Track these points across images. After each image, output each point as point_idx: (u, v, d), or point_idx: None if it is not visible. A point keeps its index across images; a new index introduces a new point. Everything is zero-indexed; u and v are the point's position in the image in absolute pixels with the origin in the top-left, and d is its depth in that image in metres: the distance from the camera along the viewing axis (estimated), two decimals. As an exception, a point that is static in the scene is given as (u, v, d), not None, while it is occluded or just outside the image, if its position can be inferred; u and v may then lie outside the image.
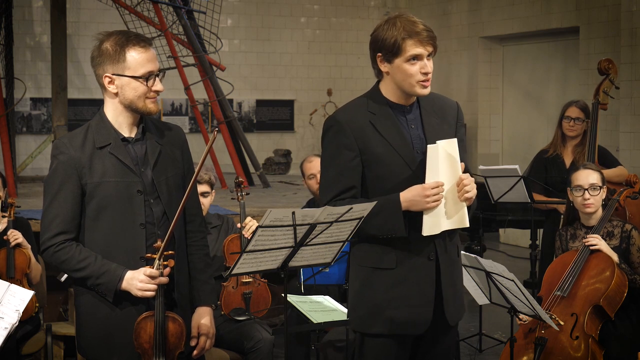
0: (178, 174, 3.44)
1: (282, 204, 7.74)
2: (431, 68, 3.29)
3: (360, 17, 12.57)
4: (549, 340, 4.45)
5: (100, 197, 3.29)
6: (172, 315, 3.35)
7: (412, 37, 3.24)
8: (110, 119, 3.36)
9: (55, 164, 3.33)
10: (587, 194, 4.75)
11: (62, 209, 3.29)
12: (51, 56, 9.79)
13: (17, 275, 4.92)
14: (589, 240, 4.65)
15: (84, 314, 3.39)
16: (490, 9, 11.00)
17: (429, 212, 3.24)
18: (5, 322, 3.52)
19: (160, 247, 3.26)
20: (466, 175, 3.27)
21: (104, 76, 3.30)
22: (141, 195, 3.32)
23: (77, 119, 10.93)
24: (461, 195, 3.25)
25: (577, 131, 6.13)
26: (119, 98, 3.32)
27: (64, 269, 3.33)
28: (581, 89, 9.47)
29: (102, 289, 3.28)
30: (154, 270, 3.25)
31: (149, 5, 9.31)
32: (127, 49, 3.27)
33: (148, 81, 3.30)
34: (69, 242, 3.29)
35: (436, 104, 3.42)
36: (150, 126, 3.42)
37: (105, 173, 3.29)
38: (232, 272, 3.44)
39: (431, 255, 3.33)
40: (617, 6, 9.06)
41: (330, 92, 11.87)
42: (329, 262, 3.64)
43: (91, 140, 3.32)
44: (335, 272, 4.72)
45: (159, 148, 3.39)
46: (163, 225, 3.34)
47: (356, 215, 3.37)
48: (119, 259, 3.29)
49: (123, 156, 3.32)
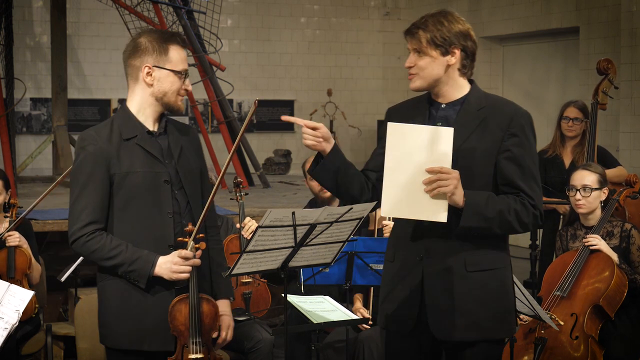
0: (198, 168, 3.54)
1: (282, 204, 7.74)
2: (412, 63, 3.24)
3: (360, 17, 12.57)
4: (548, 340, 4.45)
5: (129, 187, 3.36)
6: (205, 297, 3.44)
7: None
8: (135, 112, 3.44)
9: (84, 155, 3.37)
10: (578, 194, 4.77)
11: (91, 199, 3.33)
12: (51, 56, 9.81)
13: (17, 276, 4.93)
14: (589, 241, 4.65)
15: (112, 303, 3.41)
16: (490, 9, 11.01)
17: (388, 191, 3.12)
18: (5, 322, 3.52)
19: (192, 230, 3.34)
20: (450, 170, 3.07)
21: (144, 66, 3.39)
22: (168, 185, 3.40)
23: (77, 119, 10.94)
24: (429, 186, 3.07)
25: (575, 131, 6.13)
26: (152, 89, 3.41)
27: (95, 258, 3.36)
28: (581, 89, 9.46)
29: (134, 276, 3.34)
30: (187, 251, 3.33)
31: (149, 6, 9.31)
32: (171, 44, 3.41)
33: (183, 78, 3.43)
34: (99, 231, 3.34)
35: (488, 108, 3.25)
36: (170, 122, 3.53)
37: (133, 164, 3.37)
38: (232, 272, 3.44)
39: (419, 255, 3.25)
40: (617, 6, 9.06)
41: (330, 92, 11.87)
42: (329, 263, 3.64)
43: (117, 133, 3.39)
44: (335, 272, 4.71)
45: (181, 143, 3.49)
46: (187, 215, 3.43)
47: (356, 216, 3.37)
48: (147, 248, 3.36)
49: (150, 147, 3.40)
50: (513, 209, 3.18)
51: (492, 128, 3.22)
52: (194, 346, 3.39)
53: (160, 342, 3.39)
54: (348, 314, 4.45)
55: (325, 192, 5.50)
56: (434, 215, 3.10)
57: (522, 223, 3.21)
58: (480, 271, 3.23)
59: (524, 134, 3.24)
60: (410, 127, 3.13)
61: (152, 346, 3.39)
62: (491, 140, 3.21)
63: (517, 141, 3.22)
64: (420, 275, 3.25)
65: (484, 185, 3.22)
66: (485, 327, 3.26)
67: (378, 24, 12.64)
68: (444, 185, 3.07)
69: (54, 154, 9.78)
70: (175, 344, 3.40)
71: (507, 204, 3.18)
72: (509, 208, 3.18)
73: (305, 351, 4.93)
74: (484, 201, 3.15)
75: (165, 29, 3.63)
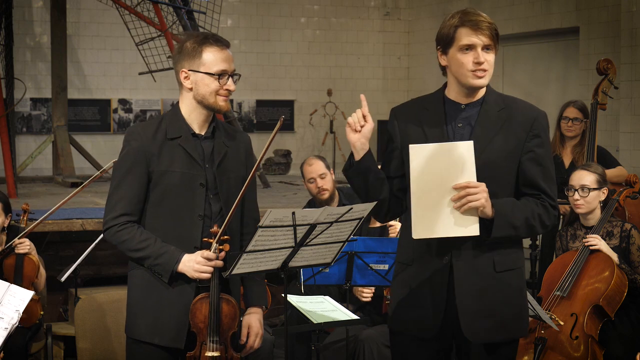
0: (239, 176, 3.58)
1: (282, 204, 7.74)
2: (487, 59, 3.14)
3: (360, 17, 12.57)
4: (548, 340, 4.46)
5: (165, 185, 3.45)
6: (226, 297, 3.51)
7: (465, 25, 3.14)
8: (184, 113, 3.52)
9: (127, 149, 3.47)
10: (577, 194, 4.78)
11: (128, 191, 3.44)
12: (51, 56, 9.82)
13: (24, 284, 4.92)
14: (589, 241, 4.65)
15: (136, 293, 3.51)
16: (490, 9, 11.00)
17: (417, 215, 3.09)
18: (5, 322, 3.52)
19: (217, 232, 3.41)
20: (477, 184, 3.06)
21: (181, 71, 3.48)
22: (203, 188, 3.47)
23: (77, 119, 10.95)
24: (458, 202, 3.06)
25: (575, 131, 6.12)
26: (192, 93, 3.48)
27: (124, 248, 3.46)
28: (581, 89, 9.47)
29: (159, 269, 3.42)
30: (210, 252, 3.40)
31: (149, 6, 9.31)
32: (205, 47, 3.46)
33: (221, 79, 3.45)
34: (131, 223, 3.44)
35: (509, 109, 3.22)
36: (220, 127, 3.59)
37: (173, 163, 3.45)
38: (231, 272, 3.44)
39: (445, 258, 3.19)
40: (617, 6, 9.06)
41: (330, 92, 11.87)
42: (329, 263, 3.64)
43: (163, 131, 3.47)
44: (335, 272, 4.71)
45: (225, 149, 3.54)
46: (219, 220, 3.48)
47: (356, 216, 3.37)
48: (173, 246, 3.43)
49: (191, 149, 3.47)
50: (537, 213, 3.19)
51: (515, 129, 3.20)
52: (211, 344, 3.46)
53: (171, 339, 3.45)
54: (348, 314, 4.45)
55: (324, 194, 5.51)
56: (466, 231, 3.09)
57: (544, 226, 3.22)
58: (507, 271, 3.23)
59: (546, 135, 3.25)
60: (434, 146, 3.10)
61: (163, 341, 3.45)
62: (515, 141, 3.20)
63: (539, 142, 3.22)
64: (447, 278, 3.20)
65: (507, 186, 3.21)
66: (510, 327, 3.26)
67: (378, 24, 12.64)
68: (473, 200, 3.06)
69: (54, 154, 9.79)
70: (186, 341, 3.46)
71: (531, 210, 3.18)
72: (533, 213, 3.18)
73: (306, 351, 4.93)
74: (510, 209, 3.15)
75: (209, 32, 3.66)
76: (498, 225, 3.11)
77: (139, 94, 11.33)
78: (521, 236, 3.22)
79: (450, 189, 3.07)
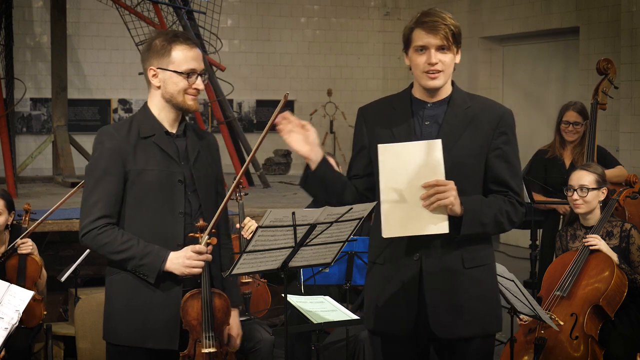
0: (213, 173, 3.56)
1: (282, 204, 7.74)
2: (442, 60, 3.17)
3: (360, 17, 12.57)
4: (548, 340, 4.46)
5: (143, 184, 3.39)
6: (217, 291, 3.48)
7: (419, 26, 3.20)
8: (154, 112, 3.48)
9: (100, 150, 3.40)
10: (575, 194, 4.78)
11: (105, 193, 3.36)
12: (51, 56, 9.82)
13: (27, 284, 4.91)
14: (589, 241, 4.66)
15: (119, 299, 3.42)
16: (490, 9, 11.00)
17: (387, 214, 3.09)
18: (5, 322, 3.52)
19: (205, 226, 3.37)
20: (445, 182, 3.06)
21: (149, 69, 3.44)
22: (182, 185, 3.43)
23: (77, 119, 10.95)
24: (427, 200, 3.05)
25: (576, 135, 6.11)
26: (161, 91, 3.45)
27: (106, 251, 3.37)
28: (581, 89, 9.46)
29: (144, 270, 3.35)
30: (201, 246, 3.36)
31: (149, 6, 9.31)
32: (174, 45, 3.42)
33: (189, 78, 3.42)
34: (111, 225, 3.36)
35: (475, 107, 3.27)
36: (189, 127, 3.55)
37: (149, 161, 3.40)
38: (232, 272, 3.45)
39: (416, 255, 3.22)
40: (617, 6, 9.06)
41: (330, 92, 11.87)
42: (329, 263, 3.64)
43: (136, 130, 3.43)
44: (335, 272, 4.72)
45: (198, 147, 3.51)
46: (198, 217, 3.44)
47: (356, 216, 3.37)
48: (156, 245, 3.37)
49: (166, 147, 3.43)
50: (505, 210, 3.22)
51: (482, 126, 3.24)
52: (207, 340, 3.42)
53: (167, 340, 3.40)
54: (348, 314, 4.45)
55: None
56: (435, 229, 3.10)
57: (512, 222, 3.26)
58: (476, 267, 3.26)
59: (512, 132, 3.30)
60: (402, 145, 3.11)
61: (157, 344, 3.39)
62: (482, 138, 3.23)
63: (506, 139, 3.27)
64: (418, 275, 3.22)
65: (476, 183, 3.24)
66: (484, 322, 3.29)
67: (378, 24, 12.64)
68: (442, 198, 3.06)
69: (54, 154, 9.79)
70: (179, 342, 3.41)
71: (499, 207, 3.22)
72: (501, 210, 3.22)
73: (306, 351, 4.93)
74: (479, 207, 3.17)
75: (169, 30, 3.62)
76: (467, 223, 3.13)
77: (139, 94, 11.33)
78: (489, 233, 3.24)
79: (419, 187, 3.07)
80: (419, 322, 3.25)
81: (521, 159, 3.48)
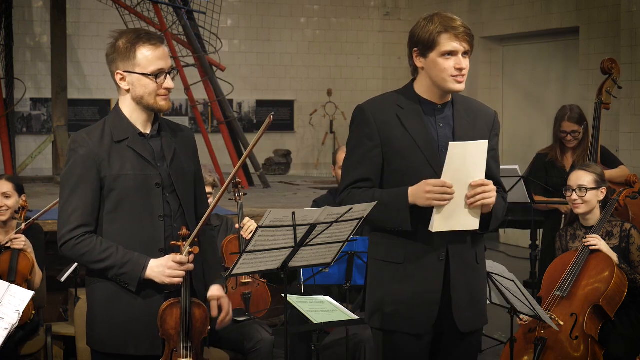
0: (191, 171, 3.47)
1: (282, 204, 7.74)
2: (466, 65, 3.27)
3: (360, 17, 12.57)
4: (548, 340, 4.46)
5: (119, 189, 3.30)
6: (197, 301, 3.40)
7: (448, 32, 3.24)
8: (126, 114, 3.39)
9: (74, 158, 3.32)
10: (574, 194, 4.79)
11: (81, 201, 3.28)
12: (51, 56, 9.81)
13: (18, 280, 4.89)
14: (589, 241, 4.65)
15: (100, 307, 3.36)
16: (490, 9, 11.01)
17: (439, 210, 3.19)
18: (5, 323, 3.52)
19: (188, 235, 3.30)
20: (488, 182, 3.21)
21: (116, 73, 3.37)
22: (159, 188, 3.34)
23: (77, 119, 10.94)
24: (472, 199, 3.19)
25: (576, 141, 6.08)
26: (131, 94, 3.36)
27: (85, 261, 3.31)
28: (581, 89, 9.47)
29: (125, 279, 3.28)
30: (182, 256, 3.28)
31: (149, 6, 9.31)
32: (138, 47, 3.32)
33: (158, 78, 3.32)
34: (89, 234, 3.29)
35: (472, 108, 3.39)
36: (164, 125, 3.46)
37: (124, 166, 3.31)
38: (232, 272, 3.44)
39: (441, 255, 3.28)
40: (617, 6, 9.06)
41: (330, 92, 11.87)
42: (329, 263, 3.64)
43: (109, 134, 3.34)
44: (336, 272, 4.72)
45: (174, 146, 3.42)
46: (179, 218, 3.38)
47: (356, 216, 3.37)
48: (138, 251, 3.30)
49: (141, 150, 3.34)
50: (503, 206, 3.42)
51: (482, 128, 3.39)
52: (184, 351, 3.33)
53: (149, 347, 3.34)
54: (348, 314, 4.45)
55: None
56: (469, 225, 3.26)
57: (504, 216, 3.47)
58: (482, 261, 3.44)
59: (499, 133, 3.50)
60: (471, 144, 3.21)
61: (139, 350, 3.33)
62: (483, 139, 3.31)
63: (497, 140, 3.46)
64: (442, 274, 3.29)
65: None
66: (484, 315, 3.46)
67: (378, 24, 12.65)
68: (487, 197, 3.22)
69: (54, 154, 9.79)
70: (163, 348, 3.35)
71: (503, 204, 3.41)
72: (504, 206, 3.43)
73: (306, 351, 4.93)
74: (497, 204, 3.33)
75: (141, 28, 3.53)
76: (494, 220, 3.32)
77: (138, 94, 11.32)
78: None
79: (464, 185, 3.21)
80: (441, 319, 3.31)
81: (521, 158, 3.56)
